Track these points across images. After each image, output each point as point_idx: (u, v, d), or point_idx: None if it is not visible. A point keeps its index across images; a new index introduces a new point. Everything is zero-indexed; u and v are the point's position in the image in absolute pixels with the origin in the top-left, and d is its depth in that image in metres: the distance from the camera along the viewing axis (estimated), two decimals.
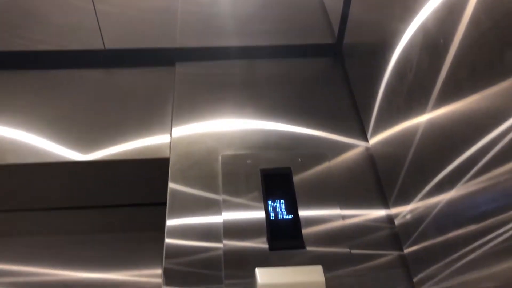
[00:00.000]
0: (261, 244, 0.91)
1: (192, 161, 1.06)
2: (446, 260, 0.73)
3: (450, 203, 0.72)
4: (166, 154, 1.07)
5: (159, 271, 1.11)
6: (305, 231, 0.93)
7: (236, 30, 1.34)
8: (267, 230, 0.93)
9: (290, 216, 0.95)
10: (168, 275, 0.87)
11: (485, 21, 0.61)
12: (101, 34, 1.28)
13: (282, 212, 0.96)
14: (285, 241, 0.92)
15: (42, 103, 1.20)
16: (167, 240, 0.92)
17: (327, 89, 1.23)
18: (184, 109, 1.17)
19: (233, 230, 0.93)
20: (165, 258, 0.89)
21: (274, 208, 0.96)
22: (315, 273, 0.86)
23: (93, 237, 1.19)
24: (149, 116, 1.17)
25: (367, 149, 1.08)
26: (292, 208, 0.96)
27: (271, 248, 0.91)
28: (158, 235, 0.95)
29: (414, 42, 0.82)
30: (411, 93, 0.84)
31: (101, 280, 1.11)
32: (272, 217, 0.95)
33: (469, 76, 0.65)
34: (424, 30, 0.78)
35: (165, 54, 1.29)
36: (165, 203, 0.97)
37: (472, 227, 0.66)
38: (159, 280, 1.09)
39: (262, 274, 0.86)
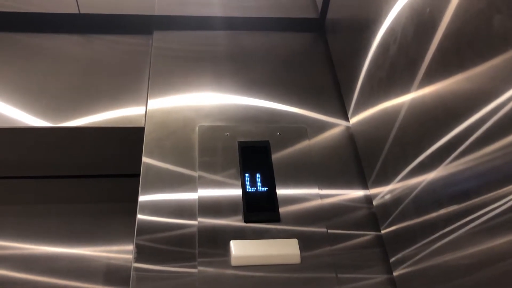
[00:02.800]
0: (236, 220, 0.89)
1: (168, 131, 1.02)
2: (424, 241, 0.72)
3: (431, 184, 0.70)
4: (141, 123, 1.04)
5: (130, 247, 1.08)
6: (282, 209, 0.91)
7: (218, 0, 1.29)
8: (243, 203, 0.91)
9: (266, 189, 0.93)
10: (139, 252, 0.84)
11: None
12: None
13: (259, 185, 0.94)
14: (261, 214, 0.90)
15: (10, 67, 1.15)
16: (139, 216, 0.88)
17: (309, 64, 1.20)
18: (161, 79, 1.12)
19: (208, 207, 0.90)
20: (137, 234, 0.86)
21: (251, 181, 0.94)
22: (290, 246, 0.85)
23: (61, 208, 1.15)
24: (125, 85, 1.12)
25: (348, 128, 1.06)
26: (269, 181, 0.94)
27: (246, 220, 0.89)
28: (130, 208, 0.92)
29: (399, 13, 0.79)
30: (394, 67, 0.81)
31: (67, 255, 1.07)
32: (248, 190, 0.93)
33: (456, 51, 0.63)
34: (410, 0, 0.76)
35: (143, 22, 1.24)
36: (138, 175, 0.94)
37: (453, 208, 0.65)
38: (130, 256, 1.06)
39: (236, 246, 0.85)
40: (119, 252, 1.08)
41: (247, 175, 0.95)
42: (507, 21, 0.53)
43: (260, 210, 0.91)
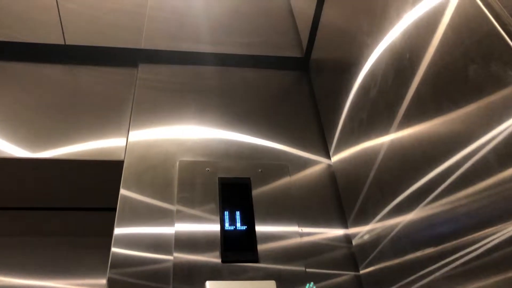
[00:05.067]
0: (213, 258, 0.87)
1: (148, 165, 1.01)
2: (401, 283, 0.72)
3: (408, 226, 0.70)
4: (120, 156, 1.02)
5: (103, 280, 1.04)
6: (261, 246, 0.90)
7: (206, 36, 1.32)
8: (221, 241, 0.89)
9: (245, 228, 0.92)
10: (112, 286, 0.82)
11: (452, 38, 0.60)
12: (62, 29, 1.23)
13: (238, 224, 0.92)
14: (238, 253, 0.88)
15: None
16: (114, 249, 0.86)
17: (292, 102, 1.22)
18: (144, 112, 1.12)
19: (185, 242, 0.89)
20: (110, 267, 0.84)
21: (230, 219, 0.93)
22: None
23: (35, 240, 1.12)
24: (106, 117, 1.12)
25: (329, 166, 1.07)
26: (248, 220, 0.93)
27: (223, 260, 0.87)
28: (105, 242, 0.90)
29: (380, 57, 0.81)
30: (374, 109, 0.83)
31: None
32: (226, 227, 0.92)
33: (433, 95, 0.64)
34: (390, 45, 0.78)
35: (128, 54, 1.25)
36: (115, 209, 0.92)
37: (429, 251, 0.65)
38: None
39: None
40: (92, 286, 1.05)
41: (226, 213, 0.93)
42: (480, 71, 0.55)
43: (238, 249, 0.89)
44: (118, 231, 0.89)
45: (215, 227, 0.92)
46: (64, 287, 1.04)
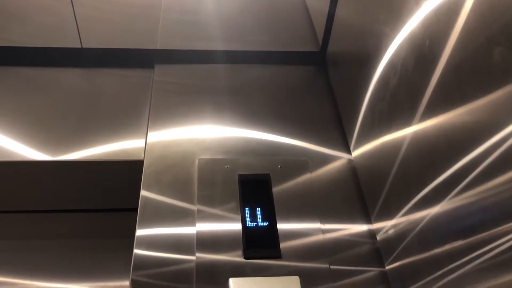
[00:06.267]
0: (236, 256, 0.87)
1: (167, 164, 1.01)
2: (429, 278, 0.70)
3: (435, 219, 0.68)
4: (140, 156, 1.03)
5: (127, 282, 1.05)
6: (283, 244, 0.89)
7: (220, 34, 1.31)
8: (243, 239, 0.89)
9: (267, 224, 0.91)
10: None
11: (475, 22, 0.58)
12: (79, 32, 1.24)
13: (259, 220, 0.91)
14: (261, 250, 0.88)
15: (11, 100, 1.15)
16: (136, 251, 0.86)
17: (310, 97, 1.20)
18: (162, 112, 1.12)
19: (207, 241, 0.88)
20: (133, 269, 0.84)
21: (251, 216, 0.92)
22: (291, 284, 0.82)
23: (58, 243, 1.12)
24: (125, 118, 1.12)
25: (350, 161, 1.05)
26: (269, 216, 0.92)
27: (246, 257, 0.86)
28: (128, 243, 0.90)
29: (399, 46, 0.79)
30: (395, 99, 0.81)
31: None
32: (248, 224, 0.91)
33: (457, 82, 0.62)
34: (409, 33, 0.76)
35: (144, 56, 1.25)
36: (136, 209, 0.92)
37: (458, 243, 0.63)
38: None
39: (236, 284, 0.82)
40: None
41: (247, 209, 0.93)
42: (507, 54, 0.53)
43: (260, 246, 0.88)
44: (140, 232, 0.89)
45: (237, 225, 0.91)
46: None
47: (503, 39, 0.53)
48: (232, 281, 0.82)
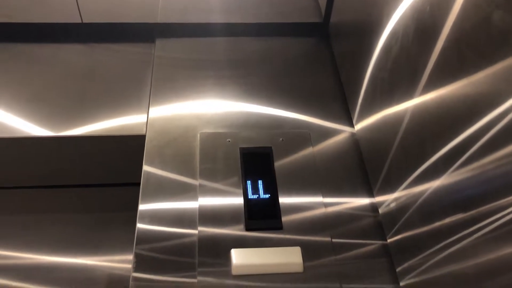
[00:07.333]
0: (238, 230, 0.87)
1: (169, 138, 1.01)
2: (430, 250, 0.70)
3: (437, 192, 0.68)
4: (142, 131, 1.03)
5: (130, 256, 1.06)
6: (285, 217, 0.89)
7: (220, 6, 1.29)
8: (244, 211, 0.89)
9: (269, 196, 0.92)
10: (138, 261, 0.83)
11: None
12: (78, 7, 1.22)
13: (261, 192, 0.92)
14: (262, 222, 0.88)
15: (12, 77, 1.15)
16: (139, 225, 0.87)
17: (312, 70, 1.19)
18: (163, 86, 1.12)
19: (209, 216, 0.89)
20: (136, 243, 0.85)
21: (253, 188, 0.92)
22: (293, 254, 0.83)
23: (62, 218, 1.14)
24: (126, 93, 1.12)
25: (352, 133, 1.04)
26: (271, 188, 0.93)
27: (247, 228, 0.87)
28: (132, 217, 0.91)
29: (401, 14, 0.78)
30: (396, 68, 0.79)
31: (69, 264, 1.06)
32: (250, 197, 0.91)
33: (456, 51, 0.61)
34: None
35: (145, 30, 1.24)
36: (139, 184, 0.93)
37: (459, 217, 0.62)
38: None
39: (237, 255, 0.83)
40: (121, 262, 1.07)
41: (249, 182, 0.93)
42: (507, 17, 0.51)
43: (262, 217, 0.89)
44: (142, 206, 0.90)
45: (239, 199, 0.91)
46: (93, 264, 1.07)
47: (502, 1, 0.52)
48: (234, 252, 0.83)
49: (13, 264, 1.06)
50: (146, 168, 0.95)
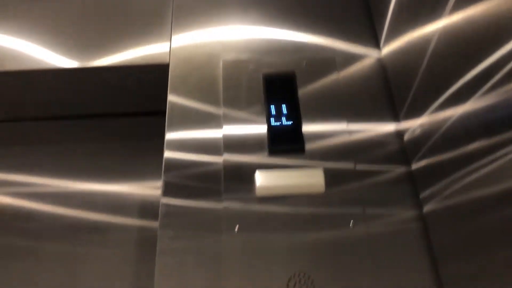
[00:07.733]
0: (261, 155, 0.89)
1: (192, 66, 1.00)
2: (454, 176, 0.69)
3: (463, 117, 0.66)
4: (165, 60, 1.02)
5: (159, 183, 1.10)
6: (308, 145, 0.90)
7: None
8: (268, 136, 0.90)
9: (291, 122, 0.92)
10: (167, 188, 0.86)
11: None
12: None
13: (284, 119, 0.92)
14: (285, 145, 0.89)
15: (38, 9, 1.14)
16: (166, 154, 0.89)
17: None
18: (185, 14, 1.09)
19: (233, 143, 0.90)
20: (164, 171, 0.88)
21: (276, 114, 0.92)
22: (315, 175, 0.85)
23: (93, 147, 1.18)
24: (148, 22, 1.10)
25: (379, 58, 1.00)
26: (294, 114, 0.92)
27: (270, 152, 0.88)
28: (159, 145, 0.93)
29: None
30: None
31: (102, 191, 1.11)
32: (273, 122, 0.92)
33: None
34: None
35: None
36: (165, 112, 0.94)
37: (483, 143, 0.61)
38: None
39: (261, 176, 0.85)
40: (150, 188, 1.11)
41: (272, 107, 0.93)
42: None
43: (285, 142, 0.90)
44: (169, 135, 0.91)
45: (262, 127, 0.92)
46: (125, 190, 1.12)
47: None
48: (258, 173, 0.85)
49: (50, 192, 1.12)
50: (171, 97, 0.96)
